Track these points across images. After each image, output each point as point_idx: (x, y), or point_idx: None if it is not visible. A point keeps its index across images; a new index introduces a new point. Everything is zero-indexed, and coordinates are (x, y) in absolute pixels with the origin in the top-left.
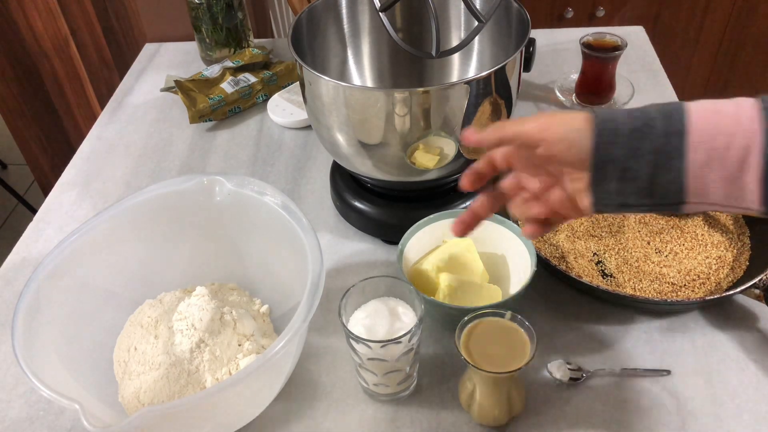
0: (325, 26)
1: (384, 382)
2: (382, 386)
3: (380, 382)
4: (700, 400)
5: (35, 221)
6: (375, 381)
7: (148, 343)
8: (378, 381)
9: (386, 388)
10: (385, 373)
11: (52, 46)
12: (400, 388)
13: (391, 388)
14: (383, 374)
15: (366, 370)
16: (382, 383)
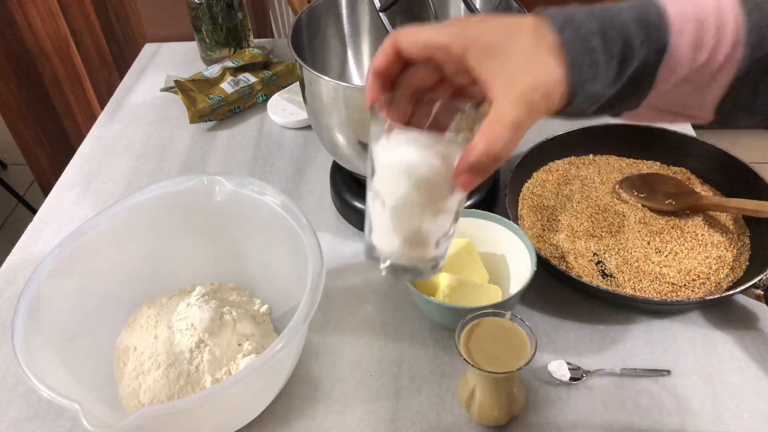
0: (325, 26)
1: (414, 238)
2: (409, 251)
3: (410, 236)
4: (700, 400)
5: (35, 221)
6: (397, 243)
7: (147, 343)
8: (406, 236)
9: (412, 255)
10: (418, 227)
11: (52, 46)
12: (428, 258)
13: (420, 253)
14: (415, 228)
15: (393, 218)
16: (410, 241)
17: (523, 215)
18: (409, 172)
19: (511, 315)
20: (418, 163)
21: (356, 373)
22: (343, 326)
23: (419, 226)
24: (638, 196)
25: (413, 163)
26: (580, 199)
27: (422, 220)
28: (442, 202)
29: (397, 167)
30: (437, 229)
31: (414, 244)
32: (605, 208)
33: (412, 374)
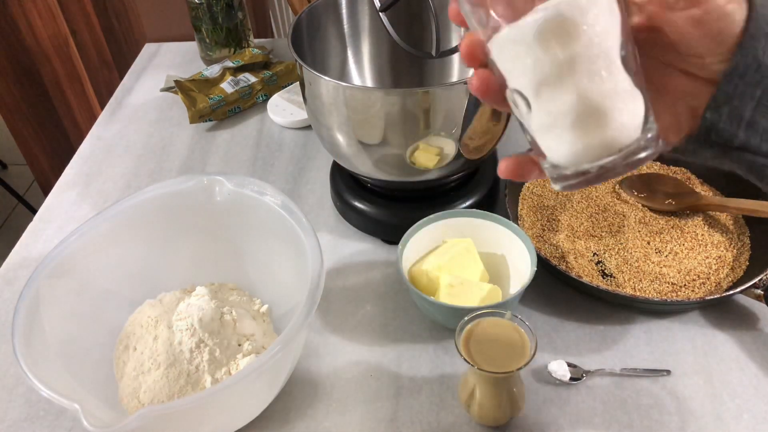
0: (325, 26)
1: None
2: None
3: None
4: (700, 400)
5: (35, 221)
6: (571, 133)
7: (147, 343)
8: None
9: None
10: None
11: (52, 46)
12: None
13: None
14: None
15: (548, 103)
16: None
17: (523, 215)
18: (530, 29)
19: (511, 315)
20: (540, 15)
21: (356, 373)
22: (343, 326)
23: (578, 94)
24: (638, 196)
25: (531, 19)
26: (580, 199)
27: (577, 83)
28: (588, 44)
29: (511, 37)
30: (606, 87)
31: (589, 123)
32: (605, 208)
33: (412, 374)
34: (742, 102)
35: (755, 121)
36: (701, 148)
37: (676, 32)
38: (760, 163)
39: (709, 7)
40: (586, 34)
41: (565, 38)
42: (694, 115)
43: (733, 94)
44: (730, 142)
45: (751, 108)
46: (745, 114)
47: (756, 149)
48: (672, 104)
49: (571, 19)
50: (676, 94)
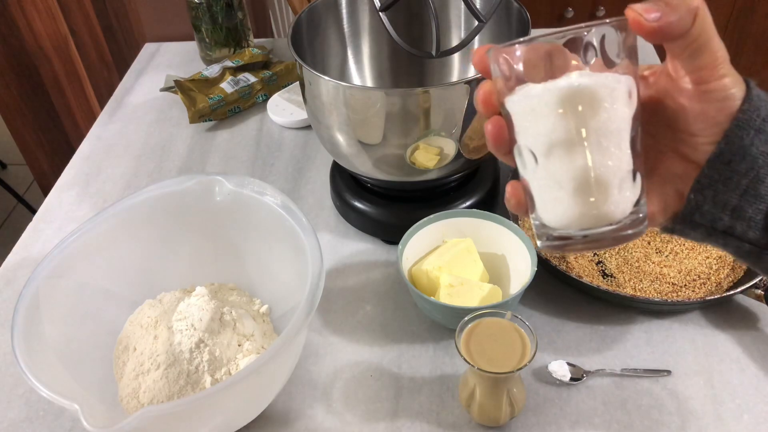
0: (325, 26)
1: (586, 186)
2: (583, 209)
3: (580, 184)
4: (700, 400)
5: (35, 221)
6: (567, 200)
7: (147, 343)
8: (575, 186)
9: (594, 211)
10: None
11: (51, 46)
12: (628, 215)
13: (597, 205)
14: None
15: (551, 166)
16: (583, 191)
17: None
18: (556, 93)
19: (512, 315)
20: (569, 82)
21: (356, 373)
22: (343, 326)
23: (585, 164)
24: None
25: (560, 84)
26: None
27: (587, 154)
28: (606, 120)
29: (537, 97)
30: (612, 163)
31: (589, 193)
32: None
33: (412, 374)
34: (727, 188)
35: (741, 209)
36: (686, 228)
37: (677, 106)
38: (746, 249)
39: (717, 86)
40: (606, 111)
41: (587, 110)
42: (681, 198)
43: (717, 179)
44: (714, 224)
45: (737, 196)
46: (731, 201)
47: (741, 235)
48: (661, 185)
49: (597, 95)
50: (667, 176)
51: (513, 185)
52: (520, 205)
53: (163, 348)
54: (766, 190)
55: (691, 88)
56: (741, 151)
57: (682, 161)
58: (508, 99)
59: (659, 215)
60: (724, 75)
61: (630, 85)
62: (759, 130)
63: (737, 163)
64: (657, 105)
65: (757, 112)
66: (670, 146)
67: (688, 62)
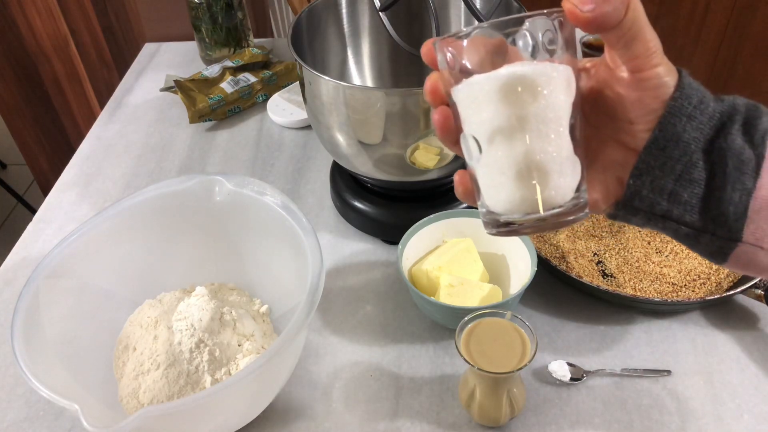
0: (325, 26)
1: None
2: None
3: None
4: (700, 400)
5: (35, 221)
6: (511, 186)
7: (147, 343)
8: (517, 171)
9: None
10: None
11: (51, 46)
12: (569, 200)
13: (554, 192)
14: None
15: (494, 154)
16: (523, 176)
17: None
18: (497, 82)
19: (512, 315)
20: (508, 71)
21: (356, 373)
22: (343, 326)
23: (525, 150)
24: None
25: (500, 73)
26: None
27: (527, 140)
28: (544, 107)
29: (479, 85)
30: (552, 149)
31: (529, 178)
32: None
33: (412, 374)
34: (663, 173)
35: (677, 193)
36: (628, 214)
37: (615, 95)
38: (684, 232)
39: (651, 74)
40: (544, 99)
41: (526, 98)
42: (621, 185)
43: (654, 165)
44: (652, 209)
45: (673, 180)
46: (667, 185)
47: (678, 219)
48: (603, 172)
49: (535, 83)
50: (607, 163)
51: (460, 174)
52: (467, 193)
53: (163, 348)
54: (699, 175)
55: (627, 77)
56: (674, 138)
57: (622, 149)
58: (453, 89)
59: (602, 202)
60: (657, 64)
61: (568, 74)
62: (690, 117)
63: (671, 149)
64: (597, 95)
65: (689, 100)
66: (610, 135)
67: (623, 52)
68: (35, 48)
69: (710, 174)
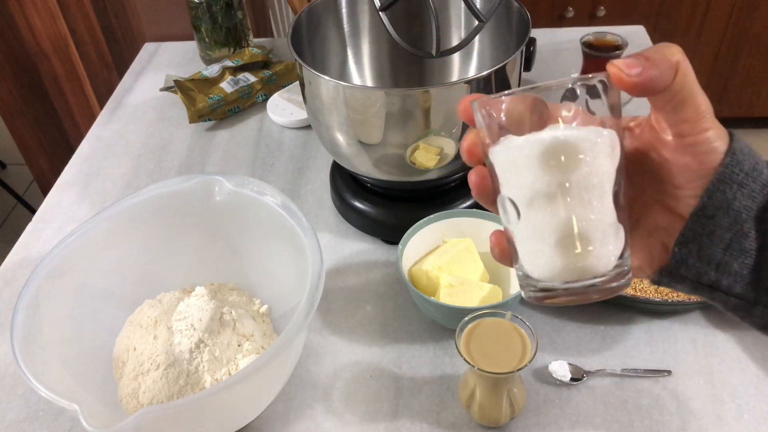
0: (325, 26)
1: (569, 240)
2: (567, 262)
3: (563, 236)
4: (701, 400)
5: (34, 221)
6: (550, 252)
7: (147, 344)
8: (558, 238)
9: (577, 264)
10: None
11: (51, 46)
12: (612, 268)
13: (586, 260)
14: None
15: (534, 220)
16: (566, 244)
17: None
18: (538, 146)
19: (512, 315)
20: (550, 135)
21: (356, 373)
22: (343, 326)
23: (567, 217)
24: None
25: (542, 137)
26: None
27: (569, 207)
28: (588, 174)
29: (519, 149)
30: (595, 217)
31: (571, 247)
32: None
33: (412, 374)
34: (711, 242)
35: (726, 263)
36: (673, 281)
37: (661, 158)
38: (734, 303)
39: (700, 139)
40: (588, 165)
41: (568, 163)
42: (667, 250)
43: (701, 233)
44: (700, 278)
45: (722, 250)
46: (716, 255)
47: (728, 290)
48: (647, 237)
49: (579, 148)
50: (652, 228)
51: (497, 235)
52: (504, 255)
53: (163, 348)
54: (750, 245)
55: (673, 141)
56: (724, 206)
57: (667, 213)
58: (491, 150)
59: (646, 267)
60: (707, 128)
61: (613, 139)
62: (741, 185)
63: (720, 217)
64: (642, 157)
65: (740, 167)
66: (655, 198)
67: (671, 115)
68: (35, 48)
69: (762, 244)
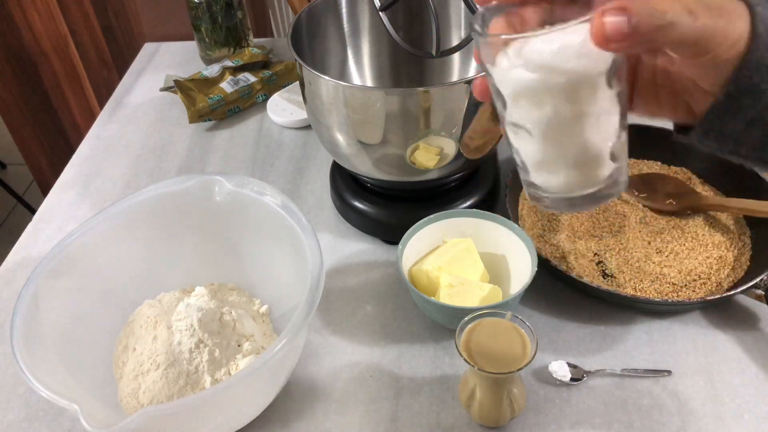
0: (325, 26)
1: (583, 160)
2: (579, 177)
3: (577, 159)
4: (701, 400)
5: (34, 221)
6: (565, 173)
7: (147, 344)
8: (573, 161)
9: (584, 179)
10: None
11: (51, 46)
12: (604, 177)
13: (592, 175)
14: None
15: (548, 146)
16: (579, 165)
17: (523, 215)
18: (548, 86)
19: (512, 315)
20: (555, 69)
21: (356, 373)
22: (343, 326)
23: (584, 143)
24: (639, 196)
25: (549, 72)
26: None
27: (584, 135)
28: (599, 101)
29: (531, 86)
30: (605, 136)
31: (584, 165)
32: (606, 209)
33: (412, 374)
34: (735, 119)
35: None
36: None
37: (679, 73)
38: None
39: (709, 59)
40: (604, 95)
41: (588, 95)
42: (690, 112)
43: (726, 112)
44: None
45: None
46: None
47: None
48: (672, 96)
49: (591, 82)
50: (677, 89)
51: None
52: (483, 94)
53: (163, 348)
54: None
55: (690, 64)
56: (750, 89)
57: (690, 83)
58: (499, 78)
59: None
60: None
61: (619, 62)
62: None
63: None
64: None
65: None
66: (679, 71)
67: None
68: (35, 48)
69: None
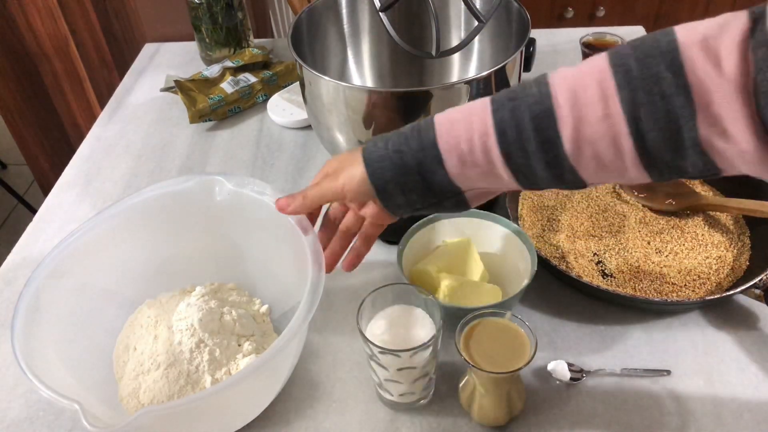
0: (325, 26)
1: (411, 390)
2: (409, 395)
3: (407, 390)
4: (700, 400)
5: (35, 221)
6: (402, 391)
7: (147, 343)
8: (405, 390)
9: (412, 396)
10: (414, 380)
11: (51, 46)
12: (425, 393)
13: (416, 394)
14: (412, 382)
15: (394, 382)
16: (409, 392)
17: (523, 215)
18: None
19: (511, 315)
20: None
21: (356, 373)
22: (343, 326)
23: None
24: (638, 196)
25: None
26: (581, 199)
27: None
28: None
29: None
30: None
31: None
32: (605, 208)
33: None
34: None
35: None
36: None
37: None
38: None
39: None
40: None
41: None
42: None
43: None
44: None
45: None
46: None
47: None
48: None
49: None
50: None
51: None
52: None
53: (163, 348)
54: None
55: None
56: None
57: None
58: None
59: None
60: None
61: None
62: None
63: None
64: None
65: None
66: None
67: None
68: (35, 48)
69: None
